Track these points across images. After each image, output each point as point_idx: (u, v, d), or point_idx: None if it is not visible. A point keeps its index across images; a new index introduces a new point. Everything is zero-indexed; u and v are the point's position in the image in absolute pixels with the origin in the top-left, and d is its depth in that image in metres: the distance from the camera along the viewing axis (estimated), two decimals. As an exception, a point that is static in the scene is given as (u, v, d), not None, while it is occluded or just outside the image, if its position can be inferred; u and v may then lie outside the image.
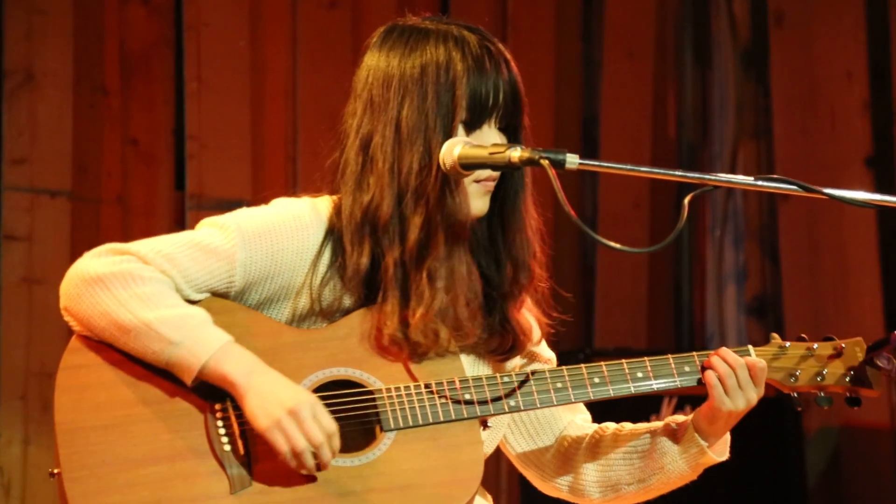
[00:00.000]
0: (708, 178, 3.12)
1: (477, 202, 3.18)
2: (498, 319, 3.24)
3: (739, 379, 3.19)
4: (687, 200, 3.09)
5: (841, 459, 6.53)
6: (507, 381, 3.17)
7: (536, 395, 3.18)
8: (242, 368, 3.04)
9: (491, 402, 3.14)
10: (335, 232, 3.17)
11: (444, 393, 3.12)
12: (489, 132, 3.16)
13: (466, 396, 3.13)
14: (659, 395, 5.79)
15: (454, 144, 3.11)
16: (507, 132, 3.19)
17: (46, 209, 6.05)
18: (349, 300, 3.17)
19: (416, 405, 3.11)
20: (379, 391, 3.11)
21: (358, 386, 3.13)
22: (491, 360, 3.27)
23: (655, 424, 3.31)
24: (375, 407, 3.11)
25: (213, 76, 6.27)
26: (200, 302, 3.13)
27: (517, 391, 3.16)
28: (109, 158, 6.18)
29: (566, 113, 6.78)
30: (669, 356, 3.24)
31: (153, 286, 3.07)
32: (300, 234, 3.16)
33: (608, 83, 6.82)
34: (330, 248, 3.17)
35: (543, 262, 3.27)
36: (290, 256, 3.15)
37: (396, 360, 3.15)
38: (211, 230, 3.15)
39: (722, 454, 3.27)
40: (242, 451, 3.06)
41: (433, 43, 3.16)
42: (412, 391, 3.12)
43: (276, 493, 3.04)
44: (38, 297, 6.01)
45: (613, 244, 3.05)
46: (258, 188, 6.20)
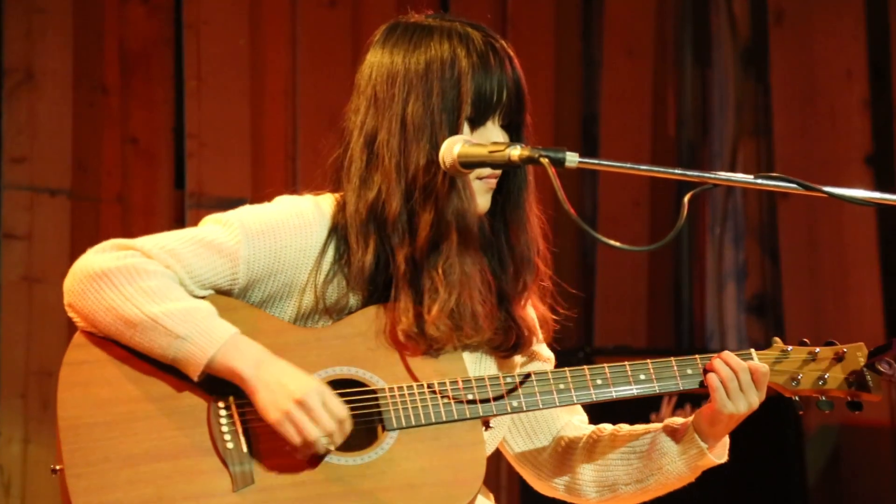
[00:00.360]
0: (708, 176, 3.12)
1: (479, 199, 3.17)
2: (503, 316, 3.23)
3: (742, 382, 3.19)
4: (687, 199, 3.09)
5: (841, 458, 6.53)
6: (509, 381, 3.17)
7: (539, 395, 3.17)
8: (250, 360, 3.04)
9: (493, 402, 3.14)
10: (339, 229, 3.17)
11: (446, 393, 3.12)
12: (492, 129, 3.16)
13: (469, 396, 3.13)
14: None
15: (454, 143, 3.10)
16: (509, 129, 3.19)
17: (46, 208, 6.05)
18: (354, 298, 3.17)
19: (418, 405, 3.11)
20: (382, 391, 3.11)
21: (361, 385, 3.13)
22: (495, 356, 3.27)
23: (654, 425, 3.30)
24: (378, 406, 3.11)
25: (212, 75, 6.27)
26: (204, 299, 3.13)
27: (519, 392, 3.16)
28: (109, 157, 6.18)
29: (566, 111, 6.78)
30: (672, 359, 3.24)
31: (158, 280, 3.06)
32: (303, 231, 3.15)
33: (608, 82, 6.82)
34: (334, 245, 3.17)
35: (548, 259, 3.27)
36: (293, 254, 3.15)
37: (403, 358, 3.15)
38: (214, 227, 3.14)
39: (721, 456, 3.26)
40: (245, 448, 3.06)
41: (437, 39, 3.15)
42: (415, 391, 3.12)
43: (278, 490, 3.04)
44: (37, 295, 6.01)
45: (613, 242, 3.05)
46: (258, 187, 6.20)
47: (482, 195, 3.17)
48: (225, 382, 3.07)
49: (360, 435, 3.11)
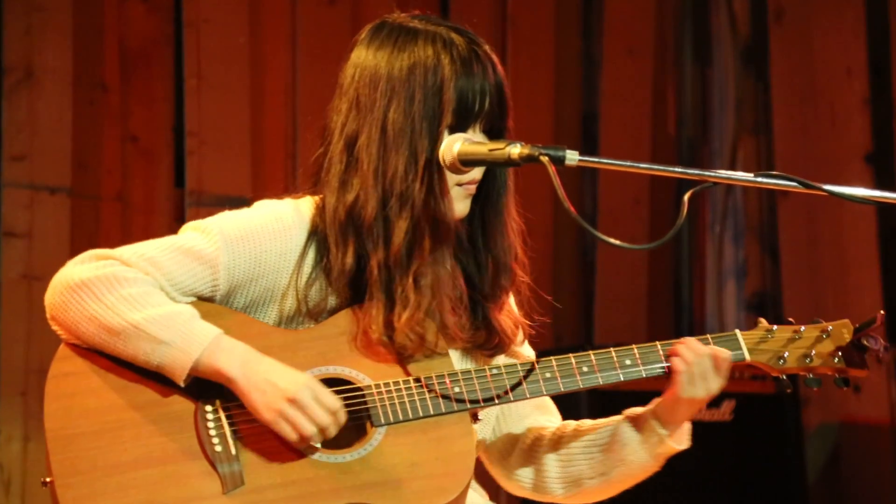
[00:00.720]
0: (708, 174, 3.12)
1: (458, 205, 3.17)
2: (481, 319, 3.24)
3: (704, 368, 3.20)
4: (687, 197, 3.10)
5: (841, 455, 6.53)
6: (495, 373, 3.18)
7: (525, 385, 3.19)
8: (236, 361, 3.04)
9: (480, 393, 3.15)
10: (319, 232, 3.17)
11: (433, 387, 3.13)
12: (474, 136, 3.15)
13: (456, 389, 3.14)
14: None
15: (454, 141, 3.11)
16: (490, 135, 3.18)
17: (46, 206, 6.05)
18: (336, 300, 3.17)
19: (405, 400, 3.12)
20: (368, 387, 3.12)
21: (348, 383, 3.13)
22: (478, 355, 3.27)
23: (616, 417, 3.31)
24: (365, 403, 3.12)
25: (212, 73, 6.27)
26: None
27: (506, 382, 3.17)
28: (109, 155, 6.17)
29: (566, 110, 6.78)
30: (657, 342, 3.27)
31: (139, 287, 3.07)
32: (283, 235, 3.16)
33: (608, 80, 6.82)
34: (314, 248, 3.17)
35: (525, 263, 3.27)
36: (273, 258, 3.15)
37: (385, 357, 3.15)
38: (194, 234, 3.15)
39: (681, 443, 3.27)
40: (234, 450, 3.06)
41: (422, 44, 3.15)
42: (402, 386, 3.13)
43: (268, 491, 3.05)
44: (37, 293, 5.98)
45: (613, 241, 3.05)
46: (258, 185, 6.20)
47: (461, 201, 3.17)
48: (211, 386, 3.08)
49: (349, 432, 3.11)
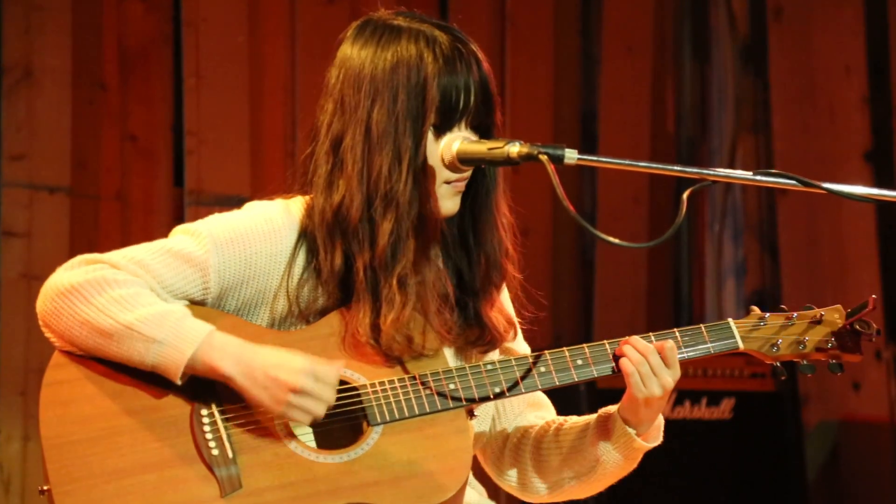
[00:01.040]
0: (707, 173, 3.12)
1: (448, 202, 3.17)
2: (472, 315, 3.24)
3: (652, 365, 3.18)
4: (686, 195, 3.10)
5: (840, 454, 6.53)
6: (490, 368, 3.18)
7: (521, 380, 3.18)
8: (231, 356, 3.03)
9: (476, 390, 3.15)
10: (309, 233, 3.17)
11: (428, 384, 3.13)
12: (461, 134, 3.15)
13: (451, 386, 3.14)
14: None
15: (453, 140, 3.11)
16: (478, 131, 3.17)
17: (45, 205, 6.05)
18: (327, 300, 3.17)
19: (401, 398, 3.11)
20: (363, 387, 3.12)
21: (343, 383, 3.12)
22: (471, 352, 3.26)
23: (590, 417, 3.30)
24: (361, 402, 3.11)
25: (211, 72, 6.26)
26: None
27: (501, 378, 3.17)
28: (108, 154, 6.17)
29: (565, 108, 6.78)
30: (650, 334, 3.25)
31: (129, 288, 3.06)
32: (273, 237, 3.15)
33: (607, 78, 6.82)
34: (305, 249, 3.17)
35: (515, 259, 3.27)
36: (264, 260, 3.14)
37: (377, 357, 3.15)
38: (184, 237, 3.14)
39: (654, 439, 3.26)
40: (231, 453, 3.06)
41: (405, 42, 3.15)
42: (396, 385, 3.12)
43: (266, 493, 3.04)
44: (36, 293, 5.91)
45: (612, 239, 3.05)
46: (257, 184, 6.20)
47: (451, 198, 3.17)
48: (206, 390, 3.08)
49: (345, 432, 3.11)
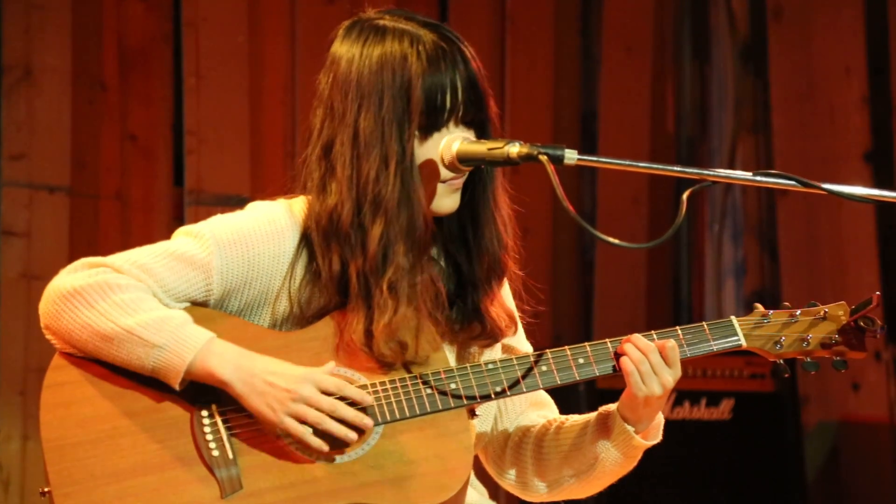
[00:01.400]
0: (706, 173, 3.12)
1: (446, 200, 3.16)
2: (472, 309, 3.23)
3: (652, 364, 3.18)
4: (685, 196, 3.10)
5: (840, 454, 6.53)
6: (491, 367, 3.17)
7: (522, 379, 3.17)
8: (230, 364, 3.04)
9: (477, 389, 3.14)
10: (311, 234, 3.16)
11: (429, 384, 3.12)
12: (453, 132, 3.14)
13: (452, 386, 3.13)
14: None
15: (453, 140, 3.11)
16: (472, 127, 3.16)
17: (45, 205, 6.05)
18: (328, 302, 3.16)
19: (402, 398, 3.11)
20: (364, 387, 3.11)
21: None
22: (473, 347, 3.26)
23: (589, 416, 3.30)
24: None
25: (211, 71, 6.27)
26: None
27: (503, 377, 3.16)
28: (108, 154, 6.18)
29: (565, 108, 6.78)
30: (652, 332, 3.24)
31: (131, 293, 3.06)
32: (275, 238, 3.15)
33: (607, 78, 6.82)
34: (307, 250, 3.17)
35: (515, 254, 3.26)
36: (266, 261, 3.14)
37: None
38: (186, 239, 3.14)
39: (653, 437, 3.25)
40: (231, 454, 3.06)
41: (389, 43, 3.14)
42: (397, 384, 3.12)
43: (267, 494, 3.04)
44: (36, 292, 5.95)
45: (612, 240, 3.05)
46: (257, 183, 6.20)
47: (449, 196, 3.16)
48: (206, 391, 3.08)
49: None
